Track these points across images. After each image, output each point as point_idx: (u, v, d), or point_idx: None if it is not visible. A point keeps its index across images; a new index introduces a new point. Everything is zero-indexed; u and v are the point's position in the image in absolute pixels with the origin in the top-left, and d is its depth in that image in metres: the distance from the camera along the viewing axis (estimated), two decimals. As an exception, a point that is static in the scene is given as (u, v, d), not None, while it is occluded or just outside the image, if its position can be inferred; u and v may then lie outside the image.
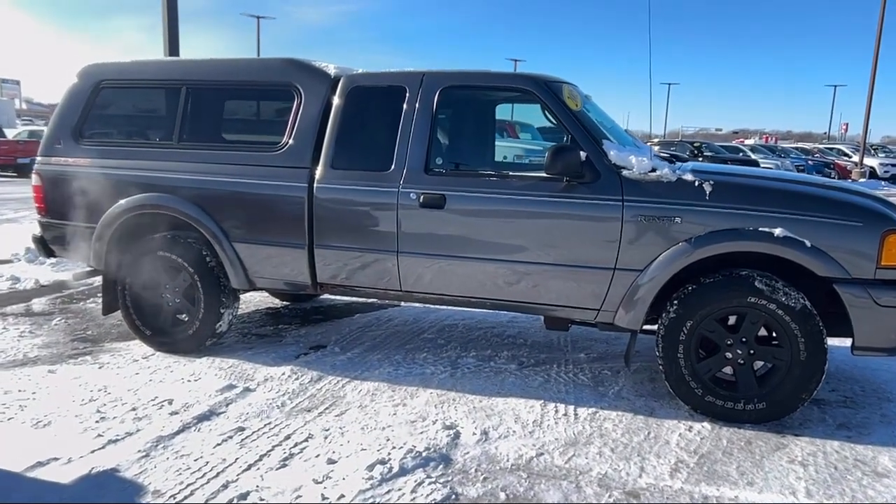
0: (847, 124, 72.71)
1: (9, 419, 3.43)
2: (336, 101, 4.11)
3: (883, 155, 29.69)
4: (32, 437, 3.24)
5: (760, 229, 3.40)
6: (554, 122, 3.85)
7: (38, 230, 4.79)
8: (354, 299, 5.74)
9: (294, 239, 4.14)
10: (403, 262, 3.98)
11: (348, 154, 4.07)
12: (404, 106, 3.98)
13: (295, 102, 4.18)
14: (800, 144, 35.71)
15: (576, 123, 3.75)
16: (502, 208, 3.78)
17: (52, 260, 7.11)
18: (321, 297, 5.92)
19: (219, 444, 3.21)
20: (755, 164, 21.63)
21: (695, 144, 24.82)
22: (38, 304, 5.68)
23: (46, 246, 4.76)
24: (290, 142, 4.14)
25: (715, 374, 3.60)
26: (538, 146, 9.26)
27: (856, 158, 27.36)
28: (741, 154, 24.26)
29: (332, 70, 4.25)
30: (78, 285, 6.32)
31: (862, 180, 23.68)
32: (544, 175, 3.71)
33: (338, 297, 5.80)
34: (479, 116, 4.58)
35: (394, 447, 3.19)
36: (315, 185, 4.06)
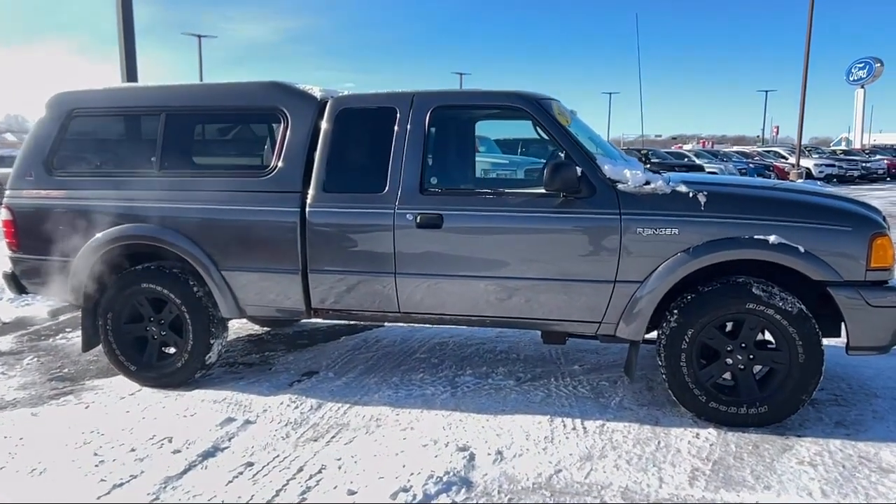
0: (777, 127, 75.64)
1: (1, 468, 3.25)
2: (325, 123, 4.06)
3: (816, 156, 30.97)
4: (31, 487, 3.08)
5: (756, 237, 3.49)
6: (546, 138, 3.89)
7: (8, 266, 4.57)
8: (338, 322, 5.65)
9: (287, 264, 4.06)
10: (401, 284, 3.94)
11: (341, 177, 4.03)
12: (396, 127, 3.96)
13: (281, 126, 4.12)
14: (739, 148, 36.94)
15: (569, 139, 3.79)
16: (501, 226, 3.79)
17: (10, 296, 6.86)
18: (302, 321, 5.82)
19: (230, 482, 3.11)
20: (700, 168, 22.29)
21: (642, 151, 25.41)
22: (3, 342, 5.42)
23: (18, 282, 4.55)
24: (279, 166, 4.07)
25: (716, 381, 3.67)
26: (523, 161, 9.31)
27: (792, 160, 28.47)
28: (686, 160, 24.94)
29: (317, 93, 4.20)
30: (42, 321, 6.06)
31: (800, 181, 24.64)
32: (541, 191, 3.74)
33: (320, 321, 5.70)
34: (471, 135, 4.60)
35: (412, 473, 3.14)
36: (307, 209, 4.00)
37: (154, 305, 4.30)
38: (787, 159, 29.90)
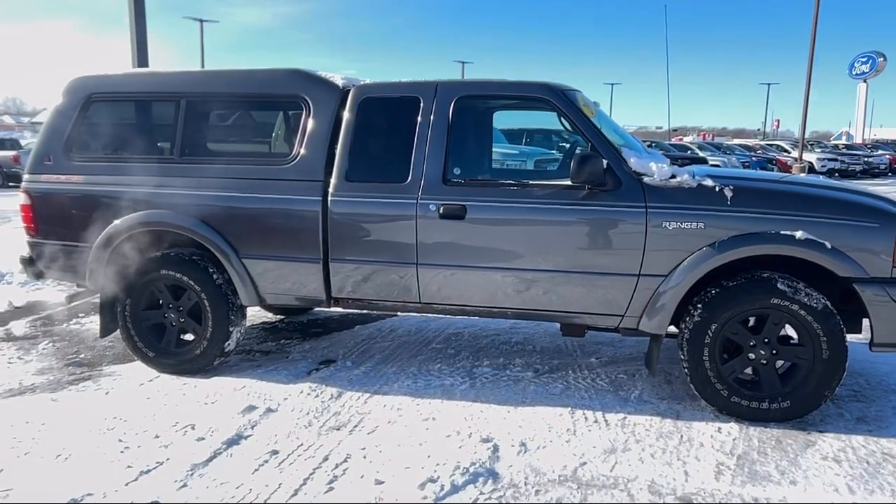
0: (779, 120, 75.54)
1: (25, 454, 3.25)
2: (347, 112, 4.04)
3: (819, 150, 30.93)
4: (57, 473, 3.07)
5: (782, 232, 3.49)
6: (571, 129, 3.87)
7: (26, 251, 4.55)
8: (351, 311, 5.65)
9: (308, 253, 4.05)
10: (423, 274, 3.94)
11: (363, 166, 4.01)
12: (419, 116, 3.94)
13: (303, 114, 4.09)
14: (741, 141, 36.89)
15: (594, 131, 3.78)
16: (525, 217, 3.78)
17: (20, 280, 6.85)
18: (315, 309, 5.81)
19: (256, 470, 3.11)
20: (704, 161, 22.25)
21: (648, 144, 25.33)
22: (17, 327, 5.40)
23: (36, 267, 4.53)
24: (301, 155, 4.04)
25: (737, 375, 3.68)
26: (533, 152, 9.27)
27: (795, 154, 28.44)
28: (689, 152, 24.89)
29: (339, 81, 4.18)
30: (54, 306, 6.05)
31: (802, 175, 24.62)
32: (565, 183, 3.73)
33: (333, 309, 5.70)
34: (493, 125, 4.58)
35: (438, 464, 3.15)
36: (329, 197, 3.98)
37: (173, 292, 4.29)
38: (789, 153, 29.88)
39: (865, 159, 30.18)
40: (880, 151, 33.21)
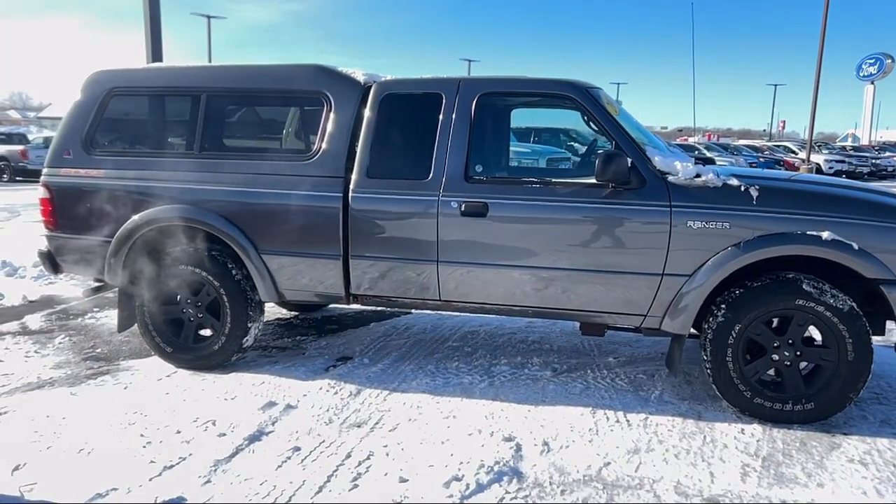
0: (784, 122, 75.24)
1: (48, 448, 3.24)
2: (369, 109, 4.02)
3: (826, 151, 30.81)
4: (81, 467, 3.07)
5: (809, 233, 3.46)
6: (595, 128, 3.85)
7: (44, 245, 4.54)
8: (366, 308, 5.63)
9: (328, 249, 4.04)
10: (444, 272, 3.92)
11: (384, 162, 3.99)
12: (441, 113, 3.92)
13: (324, 110, 4.07)
14: (747, 142, 36.78)
15: (619, 129, 3.75)
16: (547, 215, 3.76)
17: (33, 274, 6.85)
18: (330, 305, 5.80)
19: (279, 466, 3.10)
20: (712, 162, 22.19)
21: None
22: (32, 321, 5.40)
23: (54, 261, 4.52)
24: (322, 151, 4.03)
25: (760, 377, 3.66)
26: (544, 150, 9.22)
27: (802, 155, 28.33)
28: (696, 152, 24.82)
29: (360, 77, 4.16)
30: (68, 300, 6.05)
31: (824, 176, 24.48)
32: (589, 181, 3.71)
33: (348, 306, 5.69)
34: (517, 123, 4.56)
35: (461, 462, 3.13)
36: (350, 194, 3.97)
37: (191, 287, 4.28)
38: (796, 154, 29.78)
39: (873, 161, 30.06)
40: (888, 153, 33.10)
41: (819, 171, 27.97)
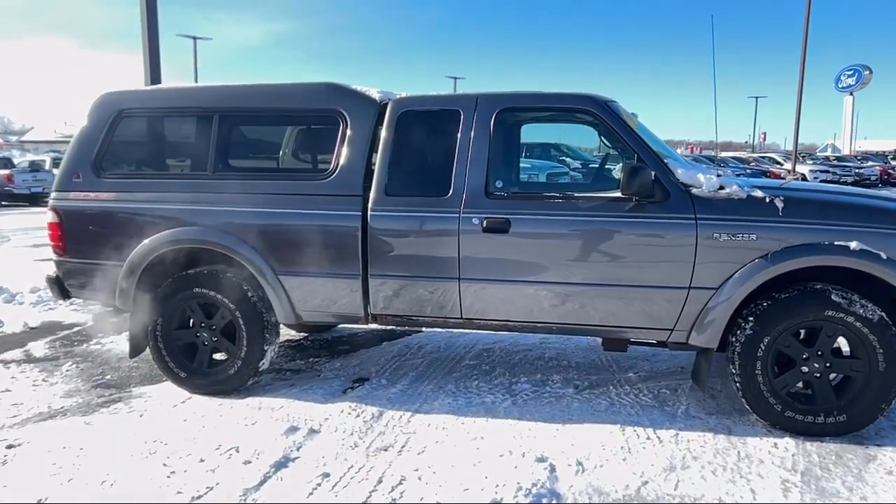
0: (765, 133, 76.20)
1: (69, 480, 3.13)
2: (386, 126, 3.98)
3: (811, 162, 31.19)
4: (106, 500, 2.96)
5: (836, 243, 3.44)
6: (614, 142, 3.83)
7: (53, 270, 4.44)
8: (375, 327, 5.55)
9: (346, 269, 3.97)
10: (465, 289, 3.86)
11: (403, 180, 3.94)
12: (460, 129, 3.89)
13: (340, 128, 4.03)
14: (733, 154, 37.12)
15: (640, 143, 3.73)
16: (571, 230, 3.72)
17: (32, 300, 6.72)
18: (339, 325, 5.72)
19: (311, 493, 3.01)
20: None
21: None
22: (36, 348, 5.27)
23: (63, 287, 4.42)
24: (339, 169, 3.98)
25: (790, 389, 3.62)
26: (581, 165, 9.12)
27: (787, 166, 28.62)
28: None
29: (376, 94, 4.12)
30: (70, 326, 5.92)
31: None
32: (611, 195, 3.68)
33: (357, 326, 5.61)
34: (536, 138, 4.53)
35: (497, 485, 3.06)
36: (369, 212, 3.91)
37: (205, 310, 4.19)
38: (782, 165, 30.09)
39: (857, 171, 30.43)
40: (870, 163, 33.53)
41: (804, 181, 28.27)
